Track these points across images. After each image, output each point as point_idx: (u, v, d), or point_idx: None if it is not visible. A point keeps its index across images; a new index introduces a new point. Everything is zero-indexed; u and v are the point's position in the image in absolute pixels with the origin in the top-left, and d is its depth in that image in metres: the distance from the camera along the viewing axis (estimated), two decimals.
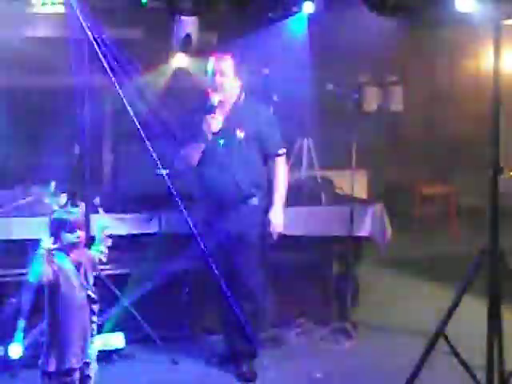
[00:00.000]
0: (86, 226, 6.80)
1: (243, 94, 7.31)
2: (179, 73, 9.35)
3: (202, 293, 7.57)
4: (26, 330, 7.16)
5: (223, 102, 7.15)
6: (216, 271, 6.81)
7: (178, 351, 7.77)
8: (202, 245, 6.91)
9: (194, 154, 7.19)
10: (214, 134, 7.08)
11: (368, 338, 8.49)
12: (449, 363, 6.84)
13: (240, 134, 7.13)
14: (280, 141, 7.40)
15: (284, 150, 7.45)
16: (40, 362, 6.07)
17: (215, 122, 7.08)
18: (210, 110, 7.07)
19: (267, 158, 7.37)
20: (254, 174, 7.24)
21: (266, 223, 7.34)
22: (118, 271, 7.76)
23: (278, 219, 7.28)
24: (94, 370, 6.24)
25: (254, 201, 7.22)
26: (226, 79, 7.14)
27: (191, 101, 7.52)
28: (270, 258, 7.42)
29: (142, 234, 7.95)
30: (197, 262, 7.34)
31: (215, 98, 7.07)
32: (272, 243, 7.39)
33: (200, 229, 6.98)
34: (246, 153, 7.17)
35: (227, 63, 7.17)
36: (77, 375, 6.06)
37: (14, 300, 7.42)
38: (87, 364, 6.15)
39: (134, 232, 7.93)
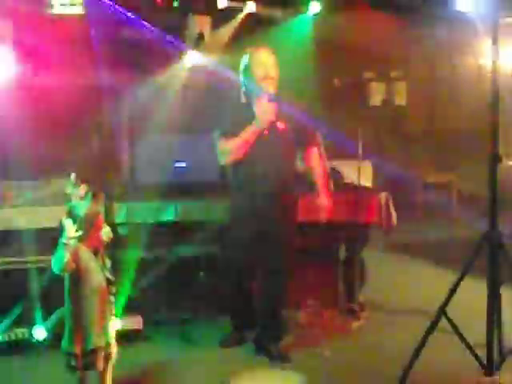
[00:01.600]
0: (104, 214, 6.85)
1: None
2: (196, 69, 9.32)
3: (217, 277, 7.54)
4: (49, 313, 7.27)
5: (271, 97, 6.98)
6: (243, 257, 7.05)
7: (193, 332, 7.84)
8: (234, 232, 7.13)
9: (247, 141, 6.98)
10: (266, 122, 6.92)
11: (374, 318, 8.52)
12: (450, 341, 6.86)
13: (281, 126, 7.04)
14: (315, 132, 7.44)
15: (319, 140, 7.49)
16: (63, 343, 6.13)
17: (273, 112, 6.92)
18: (272, 99, 6.91)
19: (303, 148, 7.34)
20: (292, 163, 7.25)
21: (296, 212, 7.34)
22: (135, 255, 7.79)
23: (325, 201, 7.33)
24: (114, 349, 6.32)
25: (293, 191, 7.24)
26: (275, 69, 7.05)
27: (230, 95, 7.36)
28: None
29: (159, 222, 7.97)
30: (220, 247, 7.42)
31: (271, 88, 6.98)
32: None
33: (235, 216, 7.19)
34: (286, 144, 7.10)
35: (272, 57, 7.09)
36: (99, 355, 6.11)
37: (37, 285, 7.46)
38: (108, 344, 6.22)
39: (151, 220, 7.96)
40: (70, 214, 6.18)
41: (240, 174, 7.10)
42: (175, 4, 8.29)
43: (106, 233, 6.34)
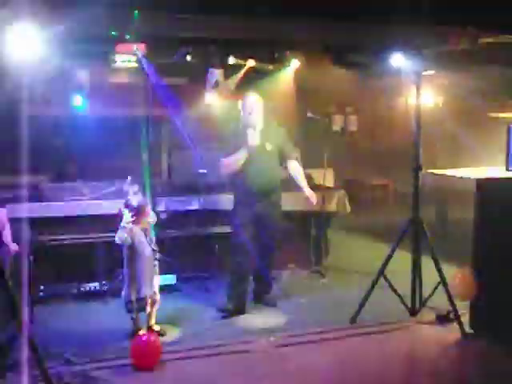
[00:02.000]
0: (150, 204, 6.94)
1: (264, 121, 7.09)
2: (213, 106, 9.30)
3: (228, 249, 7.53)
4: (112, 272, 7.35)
5: (257, 126, 6.98)
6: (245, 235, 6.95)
7: (210, 286, 7.91)
8: (239, 218, 7.03)
9: (238, 161, 6.94)
10: (253, 146, 6.87)
11: (334, 277, 8.54)
12: (386, 293, 6.96)
13: (268, 146, 7.03)
14: (293, 149, 7.32)
15: (296, 155, 7.35)
16: (123, 293, 6.28)
17: (255, 138, 6.91)
18: (253, 130, 6.90)
19: (286, 160, 7.25)
20: (278, 172, 7.18)
21: (280, 207, 7.33)
22: (171, 233, 7.89)
23: (311, 192, 7.29)
24: (157, 297, 6.46)
25: (278, 191, 7.19)
26: (260, 116, 7.01)
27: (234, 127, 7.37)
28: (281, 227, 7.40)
29: (188, 210, 8.06)
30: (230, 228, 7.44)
31: (252, 123, 6.93)
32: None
33: (240, 208, 7.08)
34: (272, 159, 7.09)
35: (257, 99, 7.06)
36: (148, 301, 6.26)
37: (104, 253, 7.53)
38: (154, 293, 6.36)
39: (182, 208, 8.04)
40: (127, 205, 6.34)
41: (240, 179, 7.04)
42: (199, 61, 8.29)
43: (151, 217, 6.51)
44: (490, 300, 6.42)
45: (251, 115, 6.98)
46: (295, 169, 7.34)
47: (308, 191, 7.29)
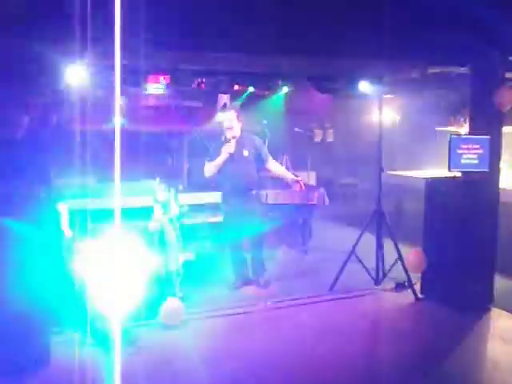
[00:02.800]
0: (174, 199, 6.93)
1: (243, 131, 6.90)
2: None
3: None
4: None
5: (235, 136, 6.77)
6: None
7: (219, 259, 7.84)
8: (227, 209, 6.92)
9: (216, 166, 6.79)
10: (231, 153, 6.73)
11: (316, 254, 8.57)
12: (356, 266, 7.02)
13: (245, 152, 6.82)
14: (268, 153, 7.06)
15: (271, 156, 7.10)
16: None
17: (231, 147, 6.74)
18: (228, 140, 6.75)
19: (264, 163, 6.97)
20: (254, 175, 6.92)
21: (261, 201, 7.13)
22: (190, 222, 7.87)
23: (299, 177, 7.08)
24: (181, 270, 6.47)
25: (255, 190, 6.93)
26: (233, 122, 6.76)
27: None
28: (265, 218, 7.21)
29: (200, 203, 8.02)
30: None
31: (229, 134, 6.74)
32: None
33: (226, 202, 6.97)
34: (249, 163, 6.86)
35: (233, 115, 6.83)
36: (174, 273, 6.28)
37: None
38: (178, 267, 6.38)
39: (197, 202, 7.99)
40: (157, 201, 6.35)
41: (224, 179, 6.88)
42: (210, 88, 8.26)
43: (175, 209, 6.50)
44: (436, 271, 6.47)
45: (229, 129, 6.79)
46: (275, 165, 7.13)
47: (293, 177, 7.07)
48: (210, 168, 6.90)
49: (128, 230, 7.27)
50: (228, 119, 6.87)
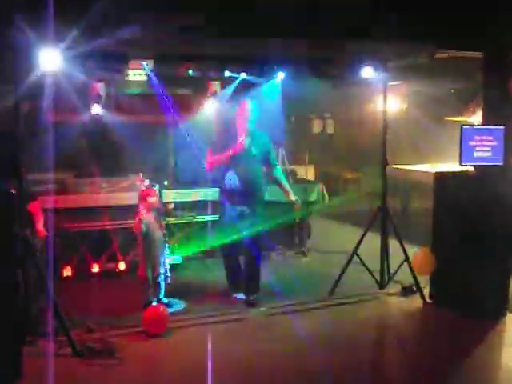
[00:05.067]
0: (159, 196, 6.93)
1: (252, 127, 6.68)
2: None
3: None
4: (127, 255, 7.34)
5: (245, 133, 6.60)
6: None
7: (209, 263, 7.90)
8: (225, 213, 6.76)
9: (221, 161, 6.61)
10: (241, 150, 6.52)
11: (315, 256, 8.60)
12: (359, 269, 7.03)
13: (254, 151, 6.63)
14: (275, 157, 7.03)
15: (277, 162, 7.07)
16: (139, 272, 6.27)
17: (244, 144, 6.56)
18: (244, 135, 6.56)
19: (269, 166, 6.82)
20: (260, 174, 6.76)
21: (264, 203, 6.89)
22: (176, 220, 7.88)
23: (296, 197, 6.90)
24: (169, 274, 6.45)
25: (261, 192, 6.76)
26: (249, 116, 6.61)
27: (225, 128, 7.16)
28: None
29: (188, 201, 8.00)
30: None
31: (244, 128, 6.59)
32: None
33: (225, 203, 6.81)
34: (256, 162, 6.70)
35: (249, 107, 6.66)
36: (162, 277, 6.27)
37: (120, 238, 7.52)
38: (166, 270, 6.37)
39: (185, 200, 7.99)
40: (142, 199, 6.32)
41: (227, 177, 6.68)
42: (199, 74, 8.22)
43: (160, 208, 6.50)
44: (447, 274, 6.45)
45: (245, 122, 6.65)
46: (278, 175, 6.93)
47: (292, 197, 6.90)
48: (213, 162, 6.73)
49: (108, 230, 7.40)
50: (246, 111, 6.67)
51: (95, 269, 7.42)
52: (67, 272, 7.29)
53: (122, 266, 7.51)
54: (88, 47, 5.69)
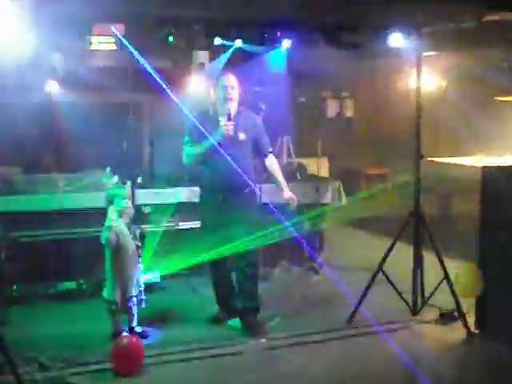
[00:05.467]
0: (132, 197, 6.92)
1: (241, 106, 6.80)
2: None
3: None
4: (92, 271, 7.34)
5: (231, 112, 6.61)
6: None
7: (195, 281, 7.88)
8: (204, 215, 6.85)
9: (201, 153, 6.61)
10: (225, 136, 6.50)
11: (329, 273, 8.47)
12: (385, 290, 7.02)
13: (241, 135, 6.65)
14: (269, 143, 7.03)
15: (271, 149, 7.11)
16: (104, 292, 6.27)
17: (231, 127, 6.51)
18: (229, 117, 6.52)
19: (262, 155, 6.94)
20: (250, 166, 6.81)
21: (257, 203, 7.05)
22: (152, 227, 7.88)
23: (291, 193, 6.90)
24: (144, 296, 6.46)
25: (250, 187, 6.72)
26: (236, 92, 6.66)
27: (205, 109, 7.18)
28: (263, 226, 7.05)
29: (168, 203, 7.99)
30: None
31: (230, 108, 6.61)
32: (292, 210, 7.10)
33: (205, 204, 6.86)
34: (245, 150, 6.74)
35: (235, 79, 6.68)
36: (134, 300, 6.28)
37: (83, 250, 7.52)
38: (140, 292, 6.37)
39: (164, 202, 7.99)
40: (110, 200, 6.33)
41: (207, 171, 6.71)
42: (182, 42, 8.23)
43: (131, 212, 6.50)
44: (498, 297, 6.44)
45: (227, 100, 6.65)
46: (273, 166, 7.03)
47: (287, 193, 6.94)
48: (191, 155, 6.76)
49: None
50: (230, 86, 6.68)
51: (50, 289, 7.41)
52: (15, 293, 7.27)
53: (84, 285, 7.49)
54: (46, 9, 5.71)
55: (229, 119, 6.55)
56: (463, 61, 10.45)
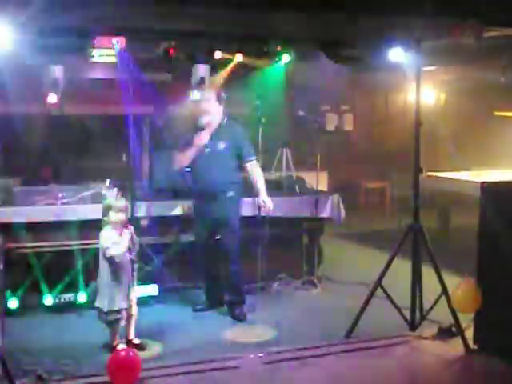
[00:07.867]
0: (130, 209, 6.91)
1: (225, 117, 7.25)
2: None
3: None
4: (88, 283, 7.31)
5: (210, 123, 7.16)
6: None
7: (192, 297, 7.86)
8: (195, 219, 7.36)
9: (185, 158, 7.21)
10: (203, 144, 7.10)
11: (328, 287, 8.54)
12: (384, 305, 6.97)
13: (221, 146, 7.13)
14: (252, 150, 7.35)
15: (255, 157, 7.36)
16: (97, 304, 6.24)
17: (204, 137, 7.10)
18: (201, 128, 7.13)
19: (244, 163, 7.29)
20: (230, 174, 7.22)
21: (238, 209, 7.38)
22: (151, 240, 7.82)
23: (268, 200, 7.25)
24: (135, 310, 6.42)
25: (230, 193, 7.19)
26: (209, 105, 7.14)
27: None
28: (241, 232, 7.37)
29: (167, 216, 7.94)
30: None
31: (204, 120, 7.14)
32: (263, 218, 7.51)
33: (193, 213, 7.41)
34: (224, 159, 7.17)
35: (211, 93, 7.21)
36: (124, 313, 6.23)
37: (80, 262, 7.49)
38: (130, 306, 6.33)
39: (163, 214, 7.94)
40: (105, 212, 6.30)
41: (194, 179, 7.32)
42: (182, 56, 8.24)
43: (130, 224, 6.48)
44: (497, 313, 6.40)
45: (205, 113, 7.17)
46: (252, 172, 7.36)
47: (263, 196, 7.29)
48: (179, 160, 7.35)
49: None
50: (205, 99, 7.20)
51: (49, 300, 7.37)
52: (13, 304, 7.24)
53: (82, 296, 7.46)
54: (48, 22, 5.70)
55: (203, 129, 7.17)
56: (463, 75, 10.46)
